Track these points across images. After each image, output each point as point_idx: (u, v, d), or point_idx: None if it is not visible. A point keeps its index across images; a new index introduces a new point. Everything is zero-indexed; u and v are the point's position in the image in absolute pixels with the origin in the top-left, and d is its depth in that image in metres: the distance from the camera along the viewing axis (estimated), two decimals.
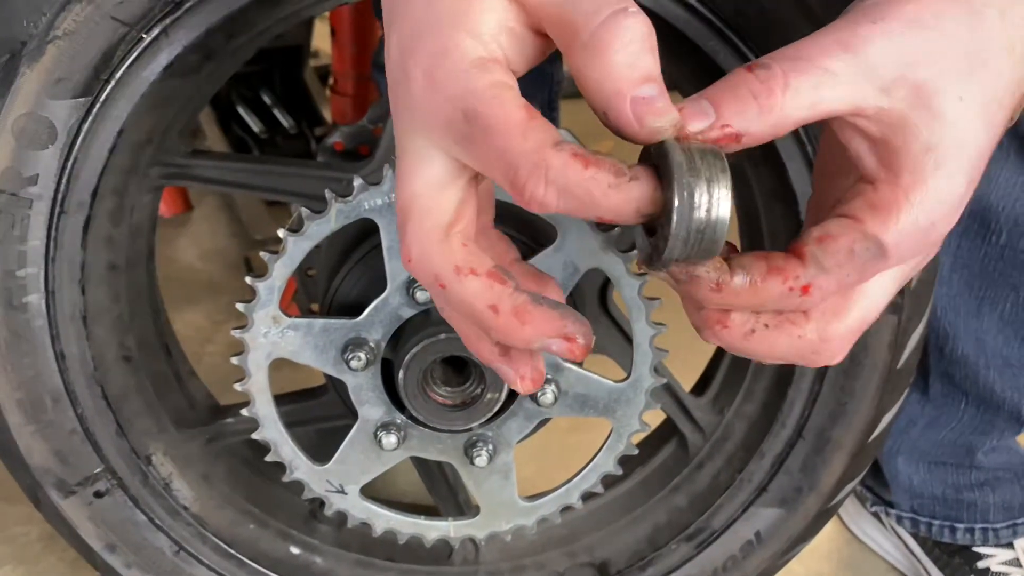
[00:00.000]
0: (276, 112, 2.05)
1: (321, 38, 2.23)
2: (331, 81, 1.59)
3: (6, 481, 1.33)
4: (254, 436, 0.78)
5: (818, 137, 0.76)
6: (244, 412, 0.77)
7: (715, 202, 0.42)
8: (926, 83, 0.45)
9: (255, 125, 2.02)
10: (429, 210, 0.46)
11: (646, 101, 0.42)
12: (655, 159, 0.44)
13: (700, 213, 0.42)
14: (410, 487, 1.18)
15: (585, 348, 0.47)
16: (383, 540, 0.98)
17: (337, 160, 0.97)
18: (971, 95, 0.46)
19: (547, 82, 1.24)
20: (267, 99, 2.06)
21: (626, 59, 0.42)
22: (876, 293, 0.50)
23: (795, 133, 0.75)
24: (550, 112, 1.11)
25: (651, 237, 0.46)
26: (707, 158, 0.43)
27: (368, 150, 0.97)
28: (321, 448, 0.82)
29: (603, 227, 0.72)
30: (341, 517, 0.96)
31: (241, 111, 2.02)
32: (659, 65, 0.43)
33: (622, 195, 0.43)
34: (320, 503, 0.96)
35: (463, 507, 0.96)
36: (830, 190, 0.53)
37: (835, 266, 0.47)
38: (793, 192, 0.79)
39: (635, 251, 0.74)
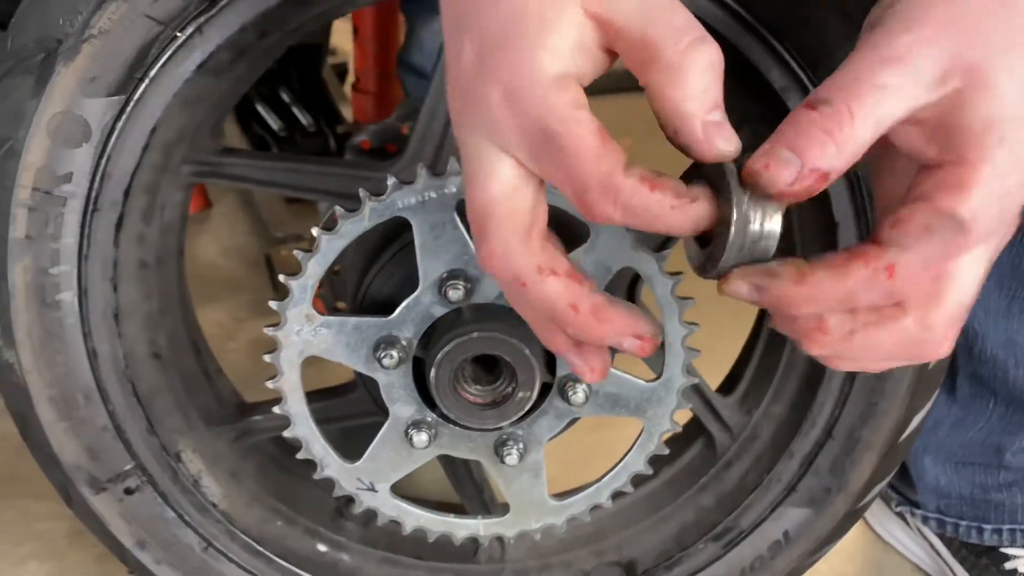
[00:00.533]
0: (295, 110, 2.05)
1: (338, 35, 2.23)
2: (353, 79, 1.59)
3: (33, 478, 1.33)
4: (285, 434, 0.78)
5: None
6: (276, 410, 0.77)
7: (768, 215, 0.48)
8: (975, 64, 0.46)
9: (274, 123, 2.02)
10: (509, 214, 0.49)
11: (716, 126, 0.46)
12: (710, 177, 0.48)
13: (755, 226, 0.47)
14: (432, 485, 1.18)
15: (654, 346, 0.52)
16: (409, 538, 0.98)
17: (365, 158, 0.97)
18: (1020, 67, 0.46)
19: None
20: (286, 97, 2.06)
21: (702, 85, 0.46)
22: (967, 276, 0.50)
23: None
24: None
25: (704, 247, 0.50)
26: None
27: (395, 148, 0.97)
28: (344, 446, 0.83)
29: None
30: (368, 515, 0.96)
31: (260, 109, 2.03)
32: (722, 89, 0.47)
33: (683, 214, 0.47)
34: (347, 501, 0.96)
35: (489, 505, 0.96)
36: (893, 188, 0.53)
37: (914, 243, 0.47)
38: (825, 191, 0.78)
39: (667, 251, 0.74)
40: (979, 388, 1.07)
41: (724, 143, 0.46)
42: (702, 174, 0.49)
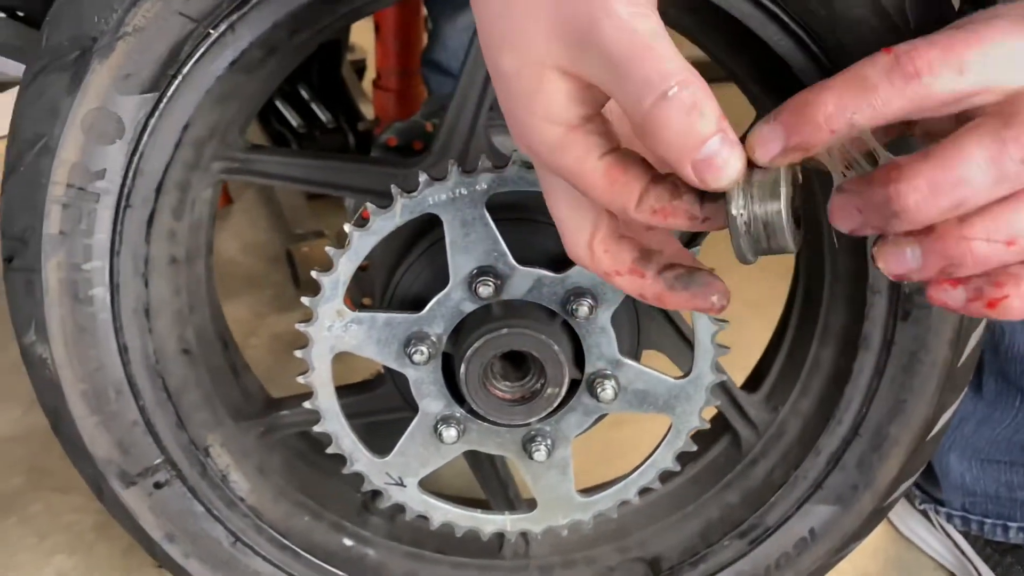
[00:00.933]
0: (314, 107, 2.06)
1: (357, 32, 2.23)
2: (374, 76, 1.59)
3: (59, 471, 1.35)
4: (316, 428, 0.79)
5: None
6: (306, 405, 0.78)
7: (767, 203, 0.49)
8: None
9: (294, 120, 2.03)
10: (572, 230, 0.57)
11: (705, 163, 0.47)
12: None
13: (762, 244, 0.51)
14: (453, 480, 1.18)
15: (721, 307, 0.56)
16: (434, 533, 0.99)
17: (391, 155, 0.98)
18: None
19: None
20: (305, 94, 2.07)
21: (678, 132, 0.46)
22: None
23: None
24: None
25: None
26: (764, 185, 0.49)
27: (421, 145, 0.97)
28: (368, 441, 0.83)
29: None
30: (393, 510, 0.97)
31: (280, 106, 2.04)
32: (715, 112, 0.47)
33: (698, 227, 0.53)
34: (372, 496, 0.97)
35: (514, 501, 0.97)
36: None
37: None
38: None
39: (697, 245, 0.74)
40: (1006, 386, 1.06)
41: (717, 178, 0.47)
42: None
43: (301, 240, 1.73)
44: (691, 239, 0.83)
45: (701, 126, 0.46)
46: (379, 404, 0.89)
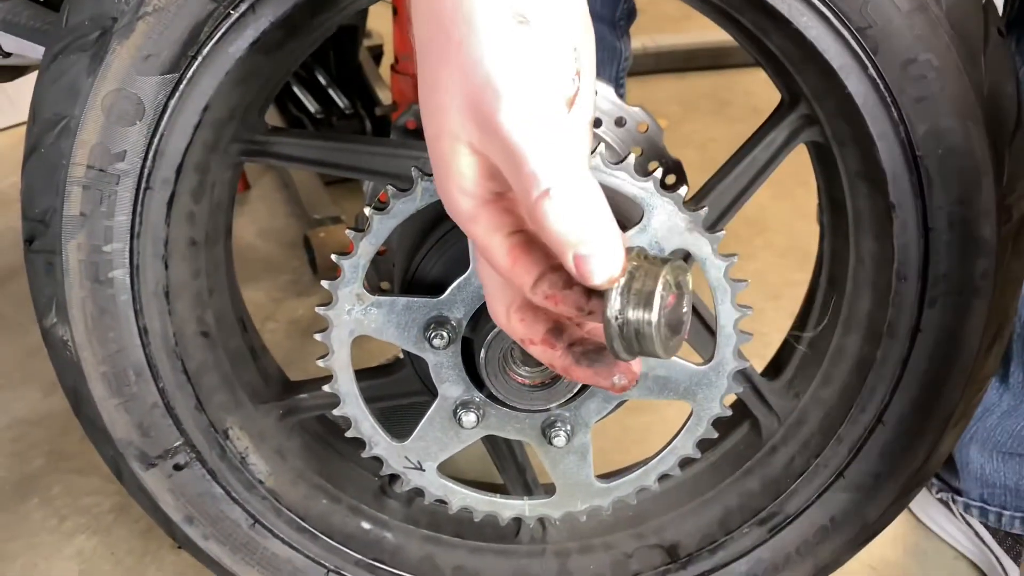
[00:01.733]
0: (331, 92, 2.06)
1: (374, 18, 2.22)
2: (392, 61, 1.59)
3: (77, 454, 1.36)
4: (335, 412, 0.79)
5: (912, 117, 0.74)
6: (326, 388, 0.78)
7: (642, 334, 0.51)
8: None
9: (311, 105, 2.03)
10: (493, 295, 0.61)
11: (583, 260, 0.48)
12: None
13: (633, 347, 0.52)
14: (469, 465, 1.18)
15: (623, 387, 0.58)
16: (451, 517, 0.99)
17: (410, 139, 0.97)
18: None
19: (616, 57, 1.22)
20: (322, 79, 2.07)
21: (558, 229, 0.48)
22: None
23: (888, 111, 0.73)
24: (617, 88, 1.10)
25: None
26: (641, 294, 0.50)
27: None
28: (385, 426, 0.83)
29: (690, 207, 0.71)
30: (410, 494, 0.97)
31: (296, 91, 2.03)
32: (599, 212, 0.49)
33: (585, 320, 0.55)
34: (390, 480, 0.96)
35: (531, 486, 0.96)
36: None
37: None
38: (882, 172, 0.77)
39: (721, 232, 0.73)
40: None
41: (593, 275, 0.48)
42: None
43: (318, 225, 1.73)
44: (716, 221, 0.82)
45: (583, 225, 0.48)
46: (397, 388, 0.89)
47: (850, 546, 0.92)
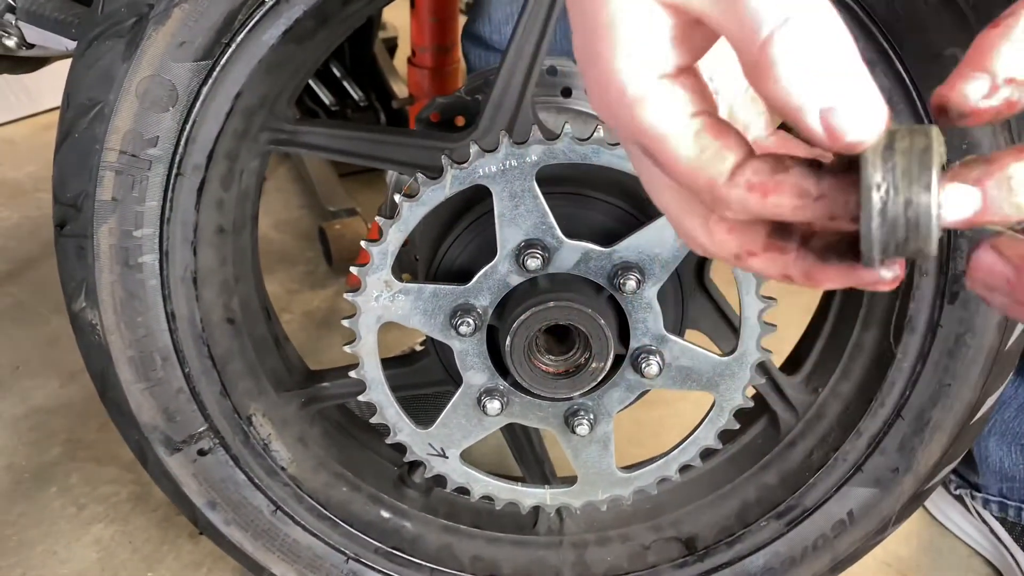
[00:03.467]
0: (346, 84, 2.07)
1: (387, 11, 2.23)
2: (409, 54, 1.59)
3: (96, 443, 1.37)
4: (361, 398, 0.79)
5: None
6: (352, 374, 0.78)
7: (915, 208, 0.37)
8: None
9: (326, 97, 2.04)
10: (683, 213, 0.46)
11: (838, 110, 0.37)
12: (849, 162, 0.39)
13: (897, 235, 0.37)
14: (484, 457, 1.19)
15: (894, 282, 0.41)
16: (469, 507, 1.00)
17: (434, 130, 0.98)
18: None
19: None
20: (337, 71, 2.08)
21: (800, 75, 0.37)
22: None
23: (914, 106, 0.74)
24: None
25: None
26: (913, 153, 0.37)
27: (464, 121, 0.97)
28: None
29: None
30: (429, 483, 0.97)
31: (312, 83, 2.04)
32: (852, 53, 0.38)
33: (811, 212, 0.40)
34: (409, 469, 0.97)
35: (549, 477, 0.97)
36: None
37: None
38: None
39: None
40: None
41: (855, 127, 0.37)
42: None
43: (333, 217, 1.74)
44: None
45: (832, 66, 0.37)
46: (420, 377, 0.90)
47: (868, 540, 0.92)
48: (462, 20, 1.42)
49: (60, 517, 1.24)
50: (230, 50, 0.73)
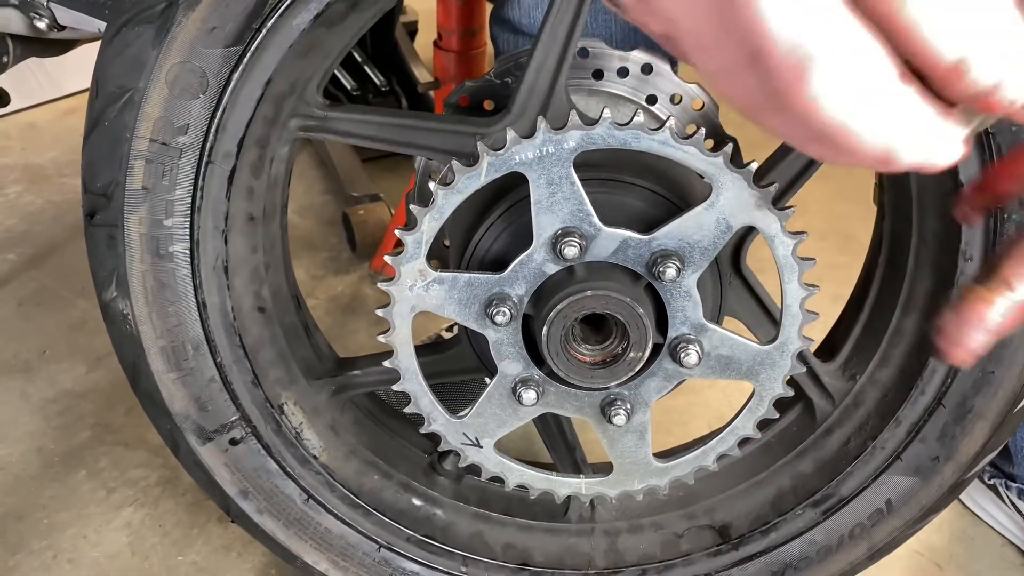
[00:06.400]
0: (367, 69, 2.05)
1: None
2: (435, 37, 1.57)
3: (124, 428, 1.38)
4: (395, 388, 0.79)
5: None
6: (387, 363, 0.78)
7: None
8: None
9: (347, 82, 2.02)
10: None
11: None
12: None
13: None
14: (511, 442, 1.18)
15: None
16: (500, 495, 0.99)
17: (463, 115, 0.96)
18: None
19: None
20: (358, 56, 2.06)
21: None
22: None
23: None
24: (672, 65, 1.08)
25: None
26: None
27: (492, 105, 0.96)
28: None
29: (760, 183, 0.69)
30: (459, 471, 0.97)
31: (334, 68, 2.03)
32: None
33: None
34: (439, 457, 0.97)
35: (580, 464, 0.96)
36: None
37: None
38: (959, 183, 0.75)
39: (790, 209, 0.71)
40: None
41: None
42: None
43: (357, 203, 1.73)
44: (777, 199, 0.80)
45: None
46: (453, 364, 0.89)
47: (907, 529, 0.91)
48: (489, 6, 1.41)
49: (90, 501, 1.25)
50: (260, 35, 0.71)
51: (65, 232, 1.85)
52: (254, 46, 0.72)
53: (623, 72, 0.94)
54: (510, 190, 0.78)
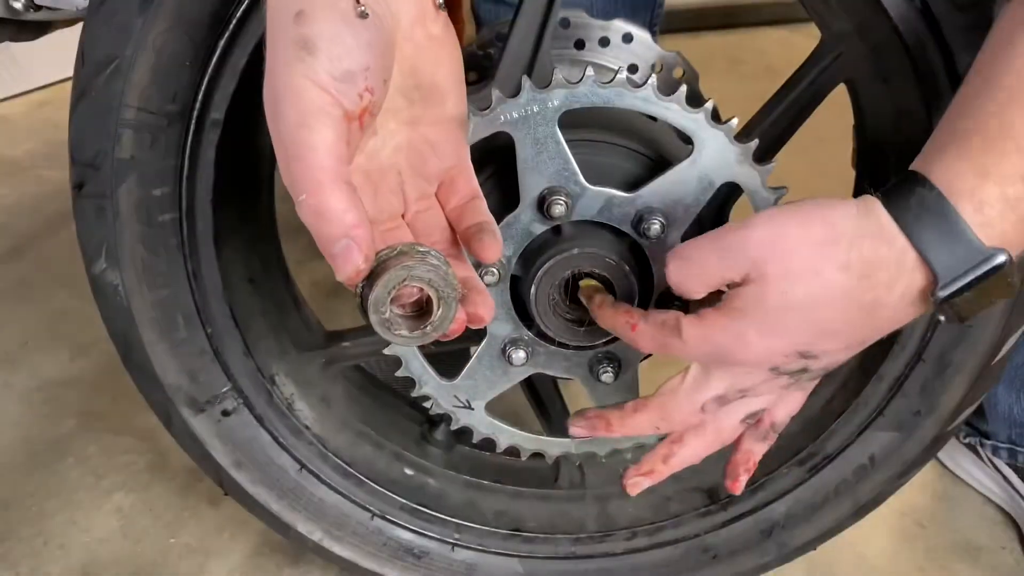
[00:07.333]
0: None
1: None
2: None
3: (110, 414, 1.37)
4: (386, 352, 0.79)
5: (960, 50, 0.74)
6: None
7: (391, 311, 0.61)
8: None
9: None
10: None
11: (332, 258, 0.56)
12: None
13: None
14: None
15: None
16: (491, 463, 1.00)
17: None
18: None
19: (650, 4, 1.23)
20: None
21: (314, 231, 0.54)
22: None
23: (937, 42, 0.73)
24: (652, 34, 1.09)
25: None
26: (393, 275, 0.59)
27: (477, 76, 0.97)
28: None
29: (741, 139, 0.71)
30: (450, 440, 0.98)
31: None
32: (345, 218, 0.54)
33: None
34: (430, 427, 0.98)
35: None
36: None
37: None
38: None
39: (771, 164, 0.73)
40: None
41: (342, 272, 0.56)
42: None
43: None
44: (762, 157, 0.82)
45: (327, 230, 0.54)
46: None
47: (890, 484, 0.93)
48: None
49: (79, 487, 1.25)
50: (247, 1, 0.72)
51: (43, 224, 1.84)
52: (239, 12, 0.72)
53: (604, 41, 0.95)
54: (495, 152, 0.79)
